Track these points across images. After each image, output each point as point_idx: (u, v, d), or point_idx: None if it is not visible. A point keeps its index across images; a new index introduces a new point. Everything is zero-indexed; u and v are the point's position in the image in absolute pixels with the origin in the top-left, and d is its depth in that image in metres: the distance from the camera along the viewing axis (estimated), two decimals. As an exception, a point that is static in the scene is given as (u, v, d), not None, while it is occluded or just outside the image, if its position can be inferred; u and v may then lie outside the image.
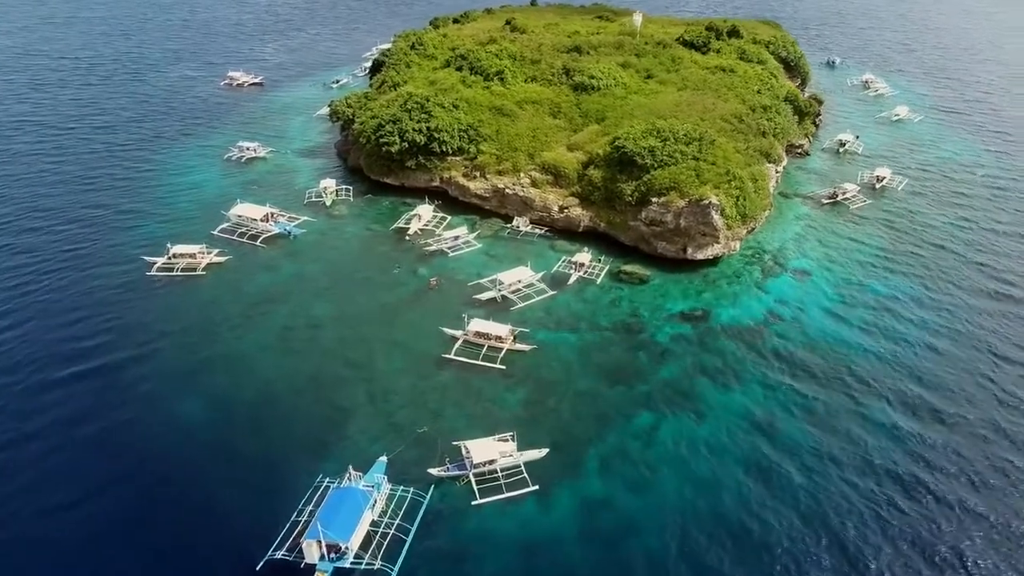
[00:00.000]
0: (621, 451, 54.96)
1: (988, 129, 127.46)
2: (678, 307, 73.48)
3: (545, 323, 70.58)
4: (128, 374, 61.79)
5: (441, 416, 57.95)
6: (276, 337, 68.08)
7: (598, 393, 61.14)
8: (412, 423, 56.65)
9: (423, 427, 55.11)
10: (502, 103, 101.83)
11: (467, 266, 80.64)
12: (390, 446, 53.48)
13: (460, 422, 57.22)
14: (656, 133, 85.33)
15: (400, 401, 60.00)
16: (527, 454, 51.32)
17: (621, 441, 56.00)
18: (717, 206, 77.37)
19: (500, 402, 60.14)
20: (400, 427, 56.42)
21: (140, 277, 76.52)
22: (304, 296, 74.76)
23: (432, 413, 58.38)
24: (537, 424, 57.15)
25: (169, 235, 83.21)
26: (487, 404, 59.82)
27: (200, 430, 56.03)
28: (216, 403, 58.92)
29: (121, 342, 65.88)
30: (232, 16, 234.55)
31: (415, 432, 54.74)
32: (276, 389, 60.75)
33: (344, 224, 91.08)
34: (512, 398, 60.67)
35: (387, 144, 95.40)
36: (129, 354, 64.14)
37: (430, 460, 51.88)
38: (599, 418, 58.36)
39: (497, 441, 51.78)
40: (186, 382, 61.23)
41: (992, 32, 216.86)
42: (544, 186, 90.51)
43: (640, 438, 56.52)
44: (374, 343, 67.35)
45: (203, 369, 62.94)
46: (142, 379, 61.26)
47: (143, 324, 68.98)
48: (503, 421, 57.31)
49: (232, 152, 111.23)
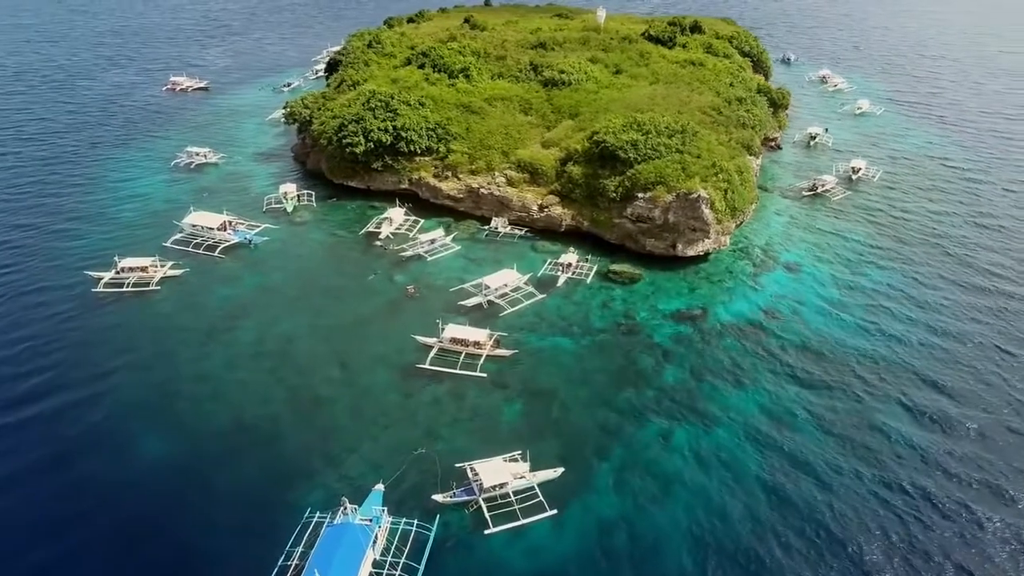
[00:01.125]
0: (633, 465, 50.61)
1: (949, 121, 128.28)
2: (673, 306, 69.83)
3: (536, 328, 65.98)
4: (80, 414, 54.49)
5: (436, 435, 52.72)
6: (244, 356, 61.77)
7: (602, 401, 56.77)
8: (405, 444, 51.27)
9: (419, 448, 49.81)
10: (470, 100, 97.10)
11: (446, 271, 75.51)
12: (385, 472, 48.04)
13: (458, 440, 52.12)
14: (637, 126, 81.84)
15: (388, 420, 54.55)
16: (541, 475, 46.52)
17: (632, 453, 51.70)
18: (707, 199, 74.14)
19: (498, 416, 55.26)
20: (392, 449, 50.94)
21: (85, 295, 69.14)
22: (271, 309, 68.51)
23: (425, 431, 53.11)
24: (540, 439, 52.39)
25: (115, 248, 75.83)
26: (484, 419, 54.86)
27: (167, 469, 49.43)
28: (183, 436, 52.36)
29: (69, 375, 58.67)
30: (167, 22, 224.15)
31: (411, 454, 49.38)
32: (249, 415, 54.57)
33: (308, 231, 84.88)
34: (510, 411, 55.85)
35: (351, 145, 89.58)
36: (79, 392, 56.79)
37: (432, 486, 46.61)
38: (606, 429, 53.99)
39: (507, 461, 46.87)
40: (147, 415, 54.41)
41: (935, 30, 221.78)
42: (521, 185, 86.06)
43: (651, 449, 52.33)
44: (353, 357, 61.69)
45: (165, 398, 56.25)
46: (97, 417, 54.21)
47: (92, 350, 61.86)
48: (504, 437, 52.49)
49: (180, 158, 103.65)
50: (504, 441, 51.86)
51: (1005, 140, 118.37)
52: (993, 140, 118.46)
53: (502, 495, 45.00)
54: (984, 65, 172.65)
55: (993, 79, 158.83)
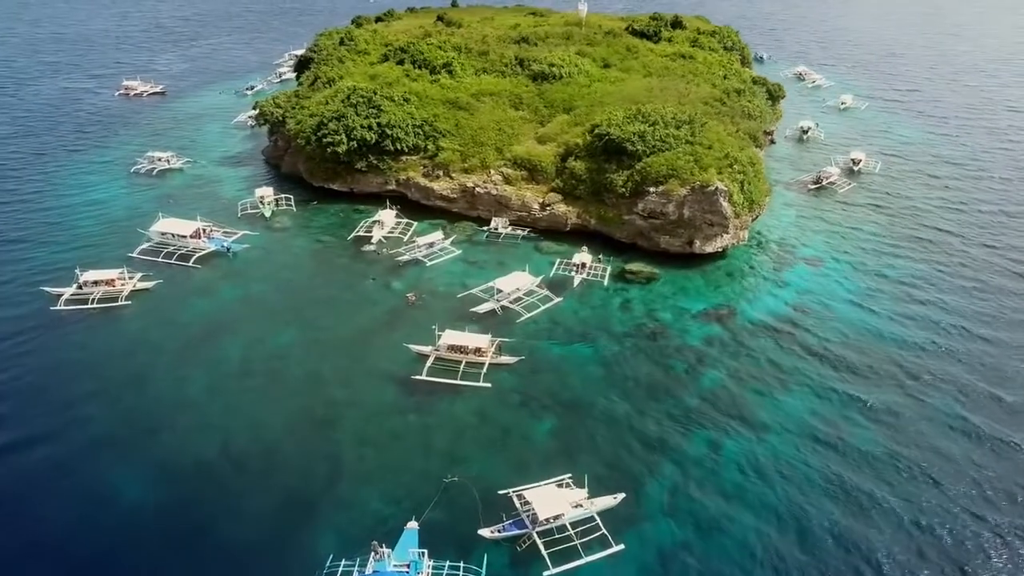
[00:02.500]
0: (687, 483, 45.13)
1: (932, 115, 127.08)
2: (698, 306, 64.85)
3: (555, 335, 60.21)
4: (42, 453, 46.60)
5: (461, 458, 46.43)
6: (230, 377, 54.53)
7: (639, 412, 51.21)
8: (429, 471, 44.89)
9: (449, 475, 43.43)
10: (456, 96, 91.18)
11: (446, 276, 69.25)
12: (409, 505, 41.61)
13: (488, 464, 45.96)
14: (642, 117, 77.01)
15: (403, 443, 48.10)
16: (600, 502, 40.57)
17: (683, 470, 46.22)
18: (725, 192, 69.49)
19: (528, 434, 49.26)
20: (414, 477, 44.52)
21: (43, 314, 61.00)
22: (257, 323, 61.33)
23: (447, 455, 46.77)
24: (579, 458, 46.54)
25: (73, 261, 67.63)
26: (513, 438, 48.82)
27: (146, 516, 41.81)
28: (164, 475, 44.84)
29: (27, 407, 50.65)
30: (113, 29, 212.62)
31: (442, 483, 43.00)
32: (240, 446, 47.41)
33: (290, 237, 77.68)
34: (540, 428, 49.87)
35: (332, 144, 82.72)
36: (40, 426, 48.74)
37: (472, 519, 40.31)
38: (649, 444, 48.41)
39: (560, 487, 40.80)
40: (121, 452, 46.68)
41: (894, 31, 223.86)
42: (519, 183, 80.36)
43: (703, 464, 46.95)
44: (354, 374, 55.04)
45: (141, 431, 48.61)
46: (61, 455, 46.43)
47: (54, 377, 53.93)
48: (539, 458, 46.58)
49: (141, 164, 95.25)
50: (540, 462, 45.94)
51: (989, 133, 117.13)
52: (979, 133, 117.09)
53: (558, 527, 38.94)
54: (951, 63, 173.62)
55: (966, 75, 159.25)
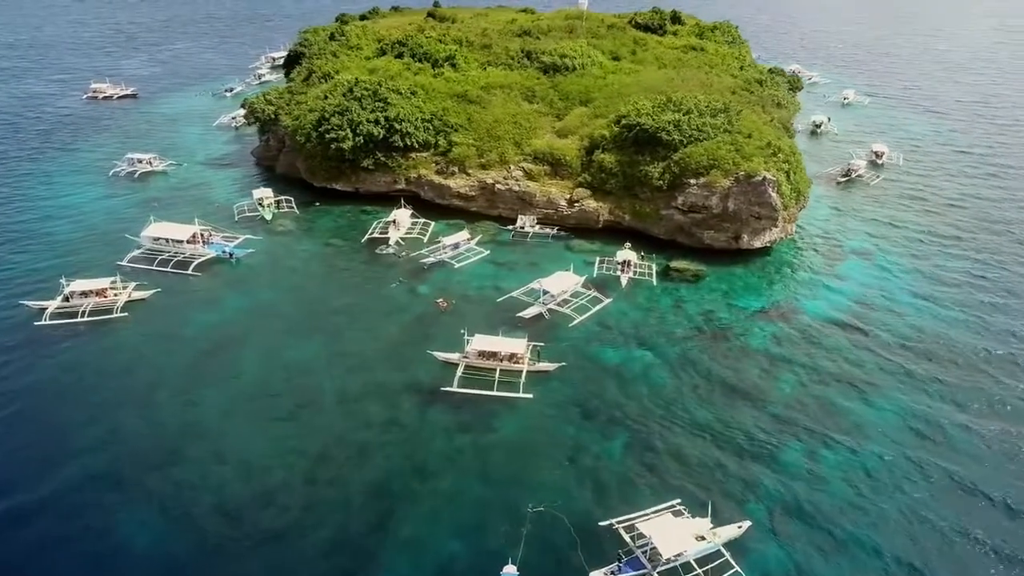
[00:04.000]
0: (789, 502, 39.77)
1: (934, 111, 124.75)
2: (755, 304, 59.76)
3: (607, 339, 54.45)
4: (28, 493, 39.48)
5: (532, 483, 40.27)
6: (246, 399, 47.59)
7: (722, 425, 45.67)
8: (500, 500, 38.73)
9: (532, 505, 37.18)
10: (465, 89, 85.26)
11: (476, 279, 63.12)
12: (498, 544, 35.32)
13: (566, 489, 39.90)
14: (673, 106, 72.02)
15: (460, 468, 41.80)
16: (723, 532, 34.74)
17: (784, 487, 40.80)
18: (773, 182, 64.67)
19: (598, 452, 43.29)
20: (486, 509, 38.25)
21: (26, 330, 53.32)
22: (270, 336, 54.43)
23: (514, 481, 40.64)
24: (665, 479, 40.87)
25: (54, 272, 60.01)
26: (583, 457, 42.78)
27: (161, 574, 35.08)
28: (180, 522, 37.86)
29: (12, 446, 43.30)
30: (71, 35, 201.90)
31: (526, 514, 36.74)
32: (269, 480, 40.62)
33: (295, 241, 70.74)
34: (612, 445, 43.92)
35: (336, 140, 76.05)
36: (26, 463, 41.77)
37: (574, 557, 34.17)
38: (740, 459, 42.87)
39: (674, 515, 34.88)
40: (121, 493, 39.54)
41: (874, 32, 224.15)
42: (542, 178, 74.64)
43: (802, 478, 41.60)
44: (389, 390, 48.54)
45: (144, 465, 41.49)
46: (45, 493, 39.29)
47: (41, 401, 46.48)
48: (616, 479, 40.86)
49: (120, 166, 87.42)
50: (623, 485, 40.20)
51: (999, 127, 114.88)
52: (986, 127, 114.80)
53: (683, 565, 32.97)
54: (938, 62, 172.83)
55: (957, 73, 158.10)
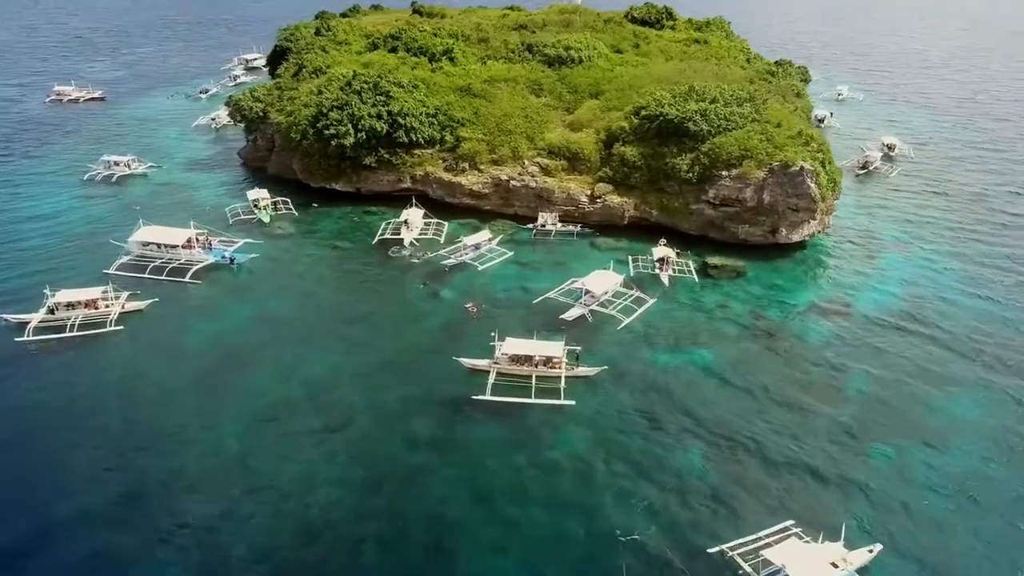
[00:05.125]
0: (893, 514, 35.81)
1: (928, 106, 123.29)
2: (804, 300, 56.12)
3: (656, 341, 50.14)
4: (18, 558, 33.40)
5: (611, 506, 35.64)
6: (267, 421, 42.08)
7: (800, 429, 41.67)
8: (583, 528, 33.95)
9: (627, 532, 32.47)
10: (468, 83, 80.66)
11: (502, 280, 58.42)
12: None
13: (652, 511, 35.30)
14: (697, 95, 68.42)
15: (526, 491, 37.03)
16: (855, 557, 30.48)
17: (880, 497, 36.84)
18: (811, 172, 61.28)
19: (677, 467, 38.81)
20: (567, 539, 33.43)
21: (6, 347, 46.92)
22: (284, 348, 48.94)
23: (590, 503, 35.97)
24: (757, 494, 36.67)
25: (34, 283, 53.70)
26: (662, 474, 38.24)
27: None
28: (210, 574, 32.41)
29: None
30: (22, 40, 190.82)
31: (618, 543, 32.00)
32: (309, 516, 35.29)
33: (298, 244, 65.17)
34: (689, 460, 39.48)
35: (336, 137, 70.69)
36: (12, 514, 35.63)
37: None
38: (833, 468, 38.77)
39: (802, 539, 30.48)
40: (139, 546, 33.62)
41: (850, 33, 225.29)
42: (559, 173, 70.32)
43: (896, 486, 37.67)
44: (429, 405, 43.61)
45: (162, 511, 35.70)
46: (49, 564, 33.27)
47: (28, 432, 40.43)
48: (703, 498, 36.48)
49: (95, 170, 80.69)
50: (715, 504, 35.92)
51: (1000, 121, 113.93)
52: (984, 120, 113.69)
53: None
54: (920, 60, 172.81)
55: (941, 70, 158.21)
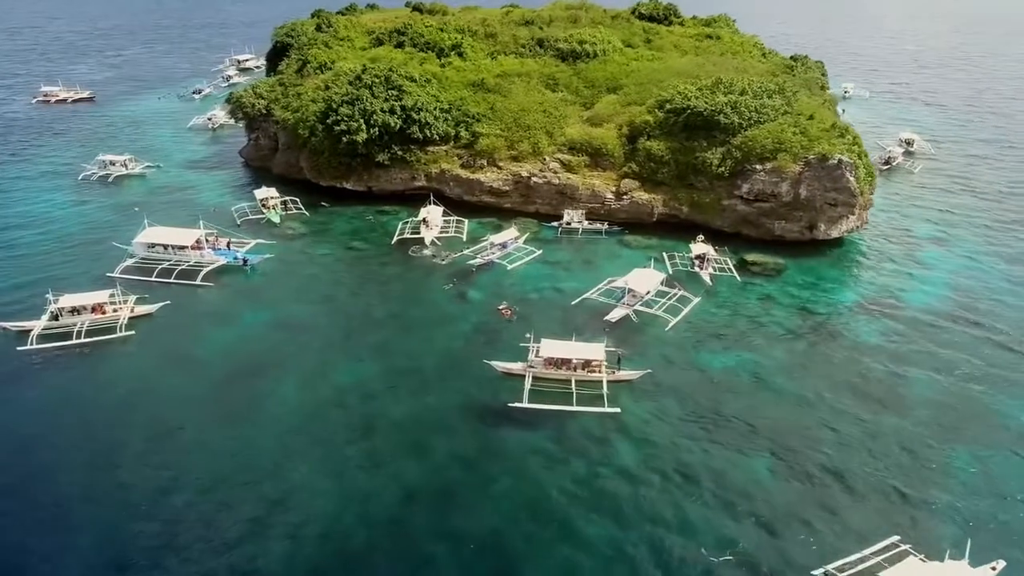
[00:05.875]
0: (987, 531, 33.07)
1: (935, 104, 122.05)
2: (850, 297, 53.56)
3: (703, 342, 47.27)
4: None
5: (684, 522, 32.66)
6: (296, 432, 38.70)
7: (868, 435, 38.89)
8: (661, 548, 30.94)
9: (716, 551, 29.50)
10: (481, 78, 77.73)
11: (531, 281, 55.38)
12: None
13: (729, 527, 32.35)
14: (725, 87, 65.94)
15: (589, 507, 33.93)
16: (980, 573, 27.55)
17: (972, 512, 34.05)
18: (850, 164, 58.86)
19: (744, 481, 35.76)
20: (645, 562, 30.35)
21: (7, 357, 43.19)
22: (308, 355, 45.56)
23: (661, 520, 32.97)
24: (839, 506, 33.85)
25: (33, 288, 49.99)
26: (730, 490, 35.12)
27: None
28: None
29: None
30: (3, 43, 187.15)
31: (708, 564, 28.98)
32: (355, 542, 32.03)
33: (311, 245, 61.76)
34: (757, 473, 36.46)
35: (348, 133, 67.41)
36: (21, 545, 32.10)
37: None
38: (915, 476, 36.01)
39: (899, 555, 27.60)
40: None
41: (843, 35, 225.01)
42: (581, 169, 67.49)
43: (984, 495, 34.98)
44: (471, 414, 40.48)
45: (187, 533, 32.43)
46: None
47: (35, 450, 36.70)
48: (785, 512, 33.52)
49: (90, 170, 76.93)
50: (795, 518, 33.02)
51: (1009, 119, 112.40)
52: (1000, 120, 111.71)
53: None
54: (915, 60, 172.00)
55: (941, 70, 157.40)
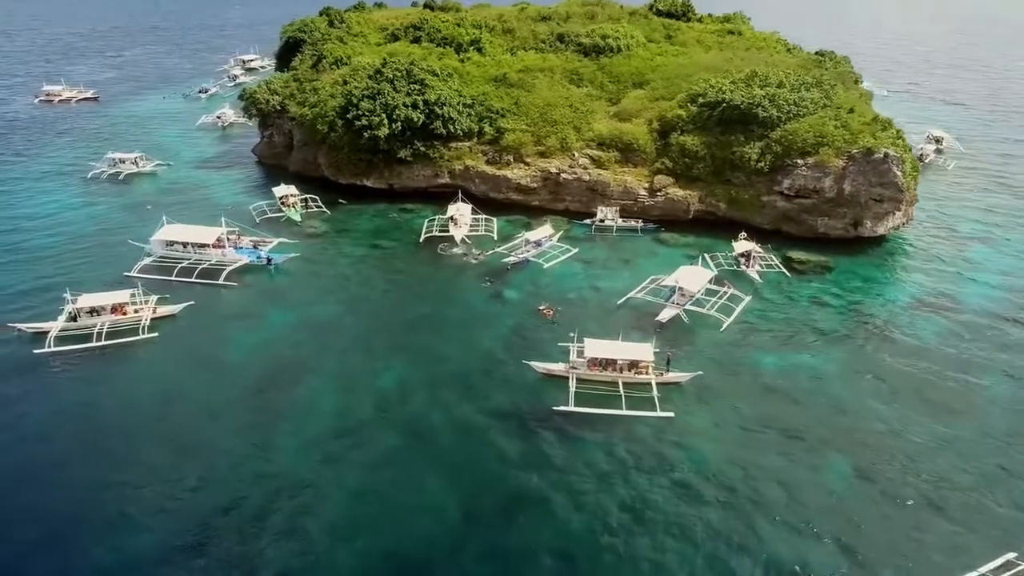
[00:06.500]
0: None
1: (957, 103, 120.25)
2: (904, 296, 51.22)
3: (756, 342, 44.82)
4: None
5: (766, 538, 30.27)
6: (332, 440, 36.08)
7: (944, 442, 36.60)
8: (746, 569, 28.38)
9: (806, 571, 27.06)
10: (503, 72, 75.37)
11: (568, 280, 52.93)
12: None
13: (818, 544, 29.96)
14: (759, 81, 63.71)
15: (660, 523, 31.43)
16: None
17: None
18: (897, 159, 56.61)
19: (828, 491, 33.46)
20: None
21: (23, 361, 40.42)
22: (341, 358, 43.01)
23: (740, 536, 30.56)
24: (925, 520, 31.44)
25: (44, 288, 47.26)
26: (814, 501, 32.78)
27: None
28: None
29: (19, 535, 30.84)
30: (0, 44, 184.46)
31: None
32: (413, 557, 29.46)
33: (334, 244, 59.15)
34: (840, 483, 34.10)
35: (370, 128, 64.91)
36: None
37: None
38: (999, 491, 33.62)
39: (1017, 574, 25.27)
40: None
41: (846, 38, 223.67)
42: (612, 165, 65.13)
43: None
44: (518, 419, 37.99)
45: (227, 550, 29.85)
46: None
47: (57, 464, 34.00)
48: (878, 527, 30.96)
49: (100, 168, 74.25)
50: (887, 532, 30.44)
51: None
52: (1019, 118, 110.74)
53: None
54: (926, 61, 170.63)
55: (953, 70, 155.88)
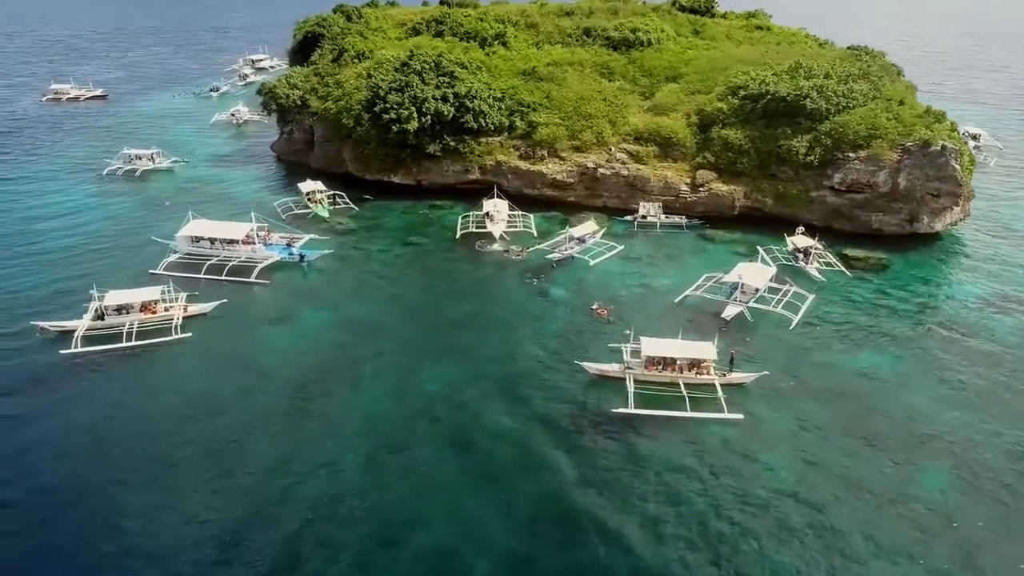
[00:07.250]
0: None
1: (984, 103, 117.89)
2: (971, 293, 48.68)
3: (825, 341, 42.30)
4: None
5: (873, 553, 27.71)
6: (383, 449, 33.45)
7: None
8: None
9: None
10: (532, 66, 72.95)
11: (616, 277, 50.41)
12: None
13: (930, 557, 27.32)
14: (805, 72, 61.33)
15: (762, 539, 28.82)
16: None
17: None
18: (955, 151, 54.19)
19: (929, 503, 30.87)
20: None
21: (47, 362, 37.71)
22: (386, 359, 40.48)
23: (837, 550, 28.14)
24: None
25: (63, 286, 44.60)
26: (917, 512, 30.21)
27: None
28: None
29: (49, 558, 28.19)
30: (2, 44, 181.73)
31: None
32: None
33: (366, 241, 56.52)
34: (941, 492, 31.49)
35: (398, 122, 62.39)
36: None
37: None
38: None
39: None
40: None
41: (854, 35, 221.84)
42: (650, 160, 62.66)
43: None
44: (575, 426, 35.27)
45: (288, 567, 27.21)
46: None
47: (90, 480, 31.40)
48: (990, 540, 28.37)
49: (115, 165, 71.75)
50: (1001, 549, 27.81)
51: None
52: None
53: None
54: (941, 62, 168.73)
55: (966, 71, 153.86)
